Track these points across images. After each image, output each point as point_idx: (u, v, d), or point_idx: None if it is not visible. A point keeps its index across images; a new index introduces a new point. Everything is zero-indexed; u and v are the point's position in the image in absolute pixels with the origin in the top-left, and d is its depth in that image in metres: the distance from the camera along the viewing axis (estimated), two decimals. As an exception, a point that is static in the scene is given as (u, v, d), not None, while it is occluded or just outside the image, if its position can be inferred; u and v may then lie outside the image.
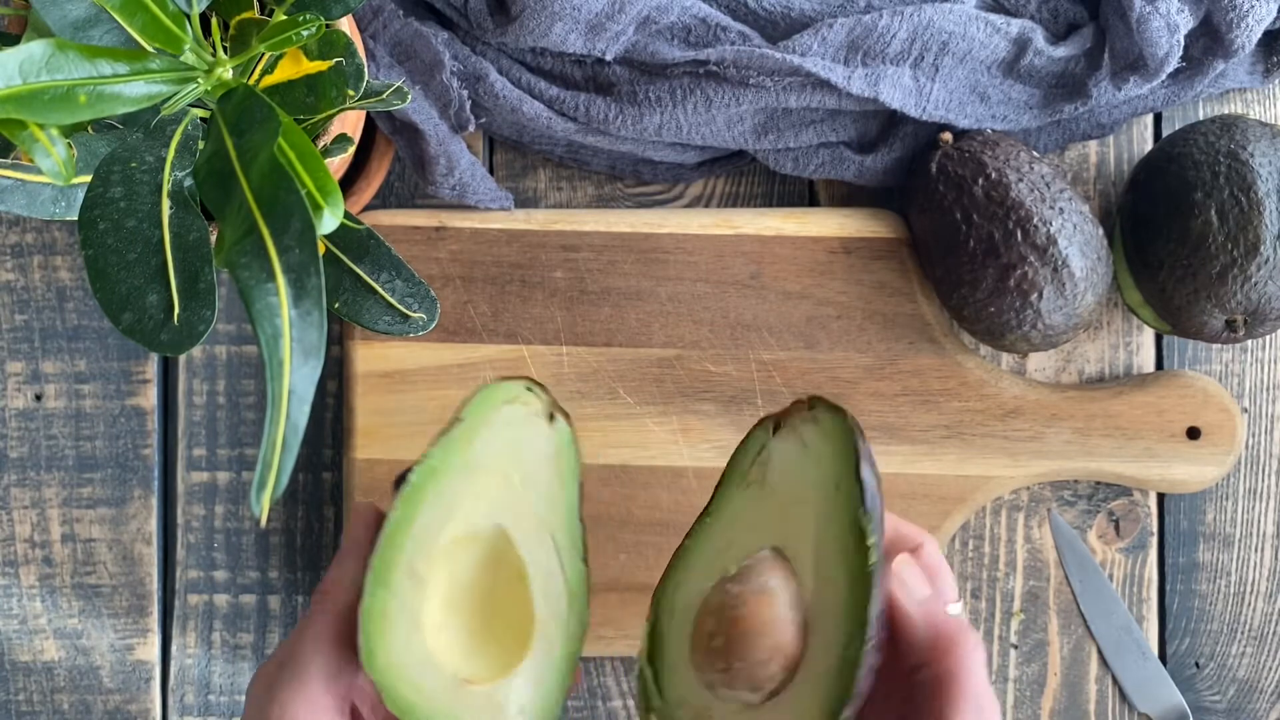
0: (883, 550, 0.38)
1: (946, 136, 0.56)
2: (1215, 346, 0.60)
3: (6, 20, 0.48)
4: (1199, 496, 0.60)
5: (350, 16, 0.52)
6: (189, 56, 0.38)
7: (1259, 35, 0.54)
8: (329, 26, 0.42)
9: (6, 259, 0.60)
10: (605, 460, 0.58)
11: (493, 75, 0.55)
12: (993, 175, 0.53)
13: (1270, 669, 0.60)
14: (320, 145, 0.46)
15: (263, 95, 0.36)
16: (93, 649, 0.60)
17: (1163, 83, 0.57)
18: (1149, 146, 0.60)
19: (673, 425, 0.58)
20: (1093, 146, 0.60)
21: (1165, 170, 0.54)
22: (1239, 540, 0.60)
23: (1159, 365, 0.60)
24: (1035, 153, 0.55)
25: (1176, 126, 0.60)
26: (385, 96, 0.44)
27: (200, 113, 0.42)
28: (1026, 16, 0.56)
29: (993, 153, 0.54)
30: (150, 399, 0.60)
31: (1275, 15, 0.55)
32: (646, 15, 0.53)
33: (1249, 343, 0.60)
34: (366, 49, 0.55)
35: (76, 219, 0.37)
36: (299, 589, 0.61)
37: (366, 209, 0.59)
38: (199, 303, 0.37)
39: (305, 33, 0.39)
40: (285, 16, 0.40)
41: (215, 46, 0.40)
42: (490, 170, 0.61)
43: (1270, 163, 0.52)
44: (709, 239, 0.58)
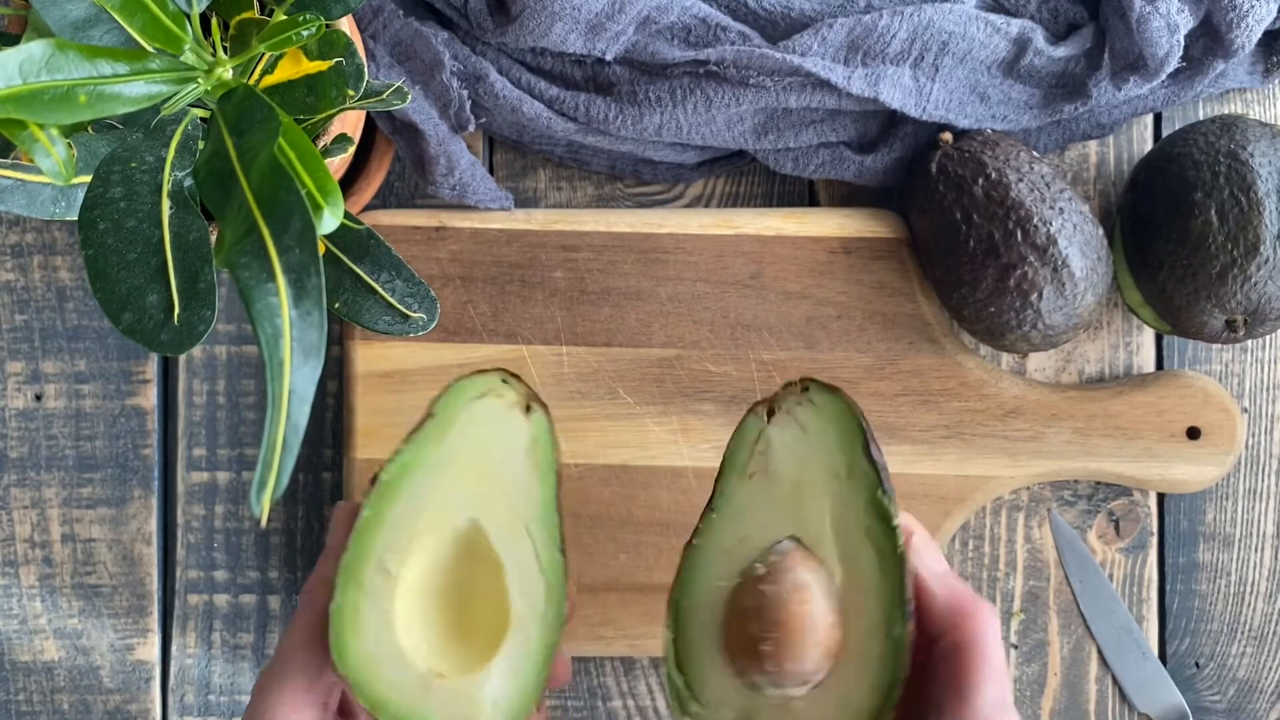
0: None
1: (946, 136, 0.56)
2: (1215, 346, 0.60)
3: (6, 20, 0.48)
4: (1199, 496, 0.60)
5: (350, 16, 0.52)
6: (189, 56, 0.38)
7: (1259, 35, 0.54)
8: (329, 26, 0.42)
9: (6, 259, 0.60)
10: (605, 460, 0.58)
11: (493, 75, 0.55)
12: (993, 175, 0.53)
13: (1270, 669, 0.60)
14: (320, 145, 0.46)
15: (263, 95, 0.36)
16: (93, 649, 0.60)
17: (1163, 83, 0.57)
18: (1149, 146, 0.60)
19: (673, 425, 0.58)
20: (1093, 146, 0.60)
21: (1165, 170, 0.54)
22: (1239, 540, 0.60)
23: (1159, 365, 0.60)
24: (1035, 153, 0.55)
25: (1176, 126, 0.60)
26: (385, 96, 0.44)
27: (200, 113, 0.42)
28: (1026, 16, 0.56)
29: (993, 153, 0.54)
30: (150, 399, 0.60)
31: (1275, 15, 0.55)
32: (646, 15, 0.53)
33: (1249, 343, 0.60)
34: (366, 49, 0.55)
35: (76, 219, 0.37)
36: (299, 589, 0.61)
37: (366, 209, 0.59)
38: (199, 303, 0.37)
39: (305, 33, 0.39)
40: (285, 16, 0.40)
41: (215, 46, 0.40)
42: (490, 170, 0.61)
43: (1270, 163, 0.52)
44: (709, 239, 0.58)
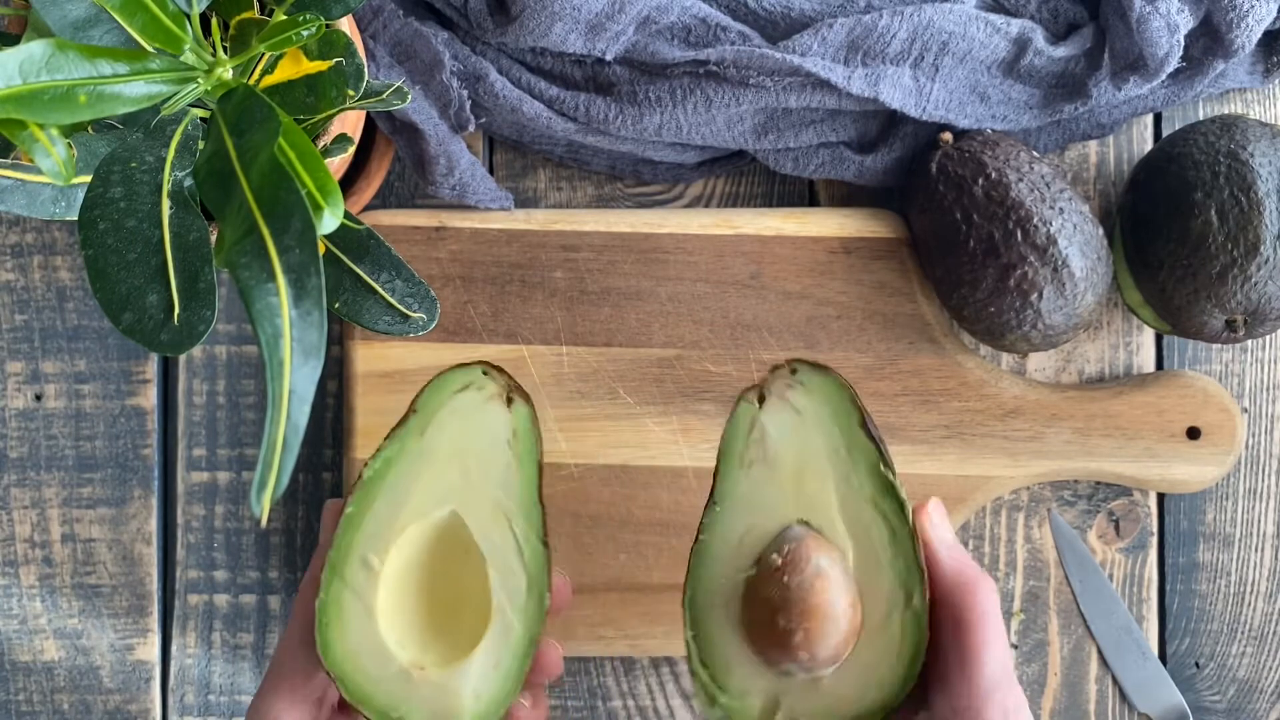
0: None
1: (946, 136, 0.56)
2: (1215, 346, 0.60)
3: (6, 20, 0.48)
4: (1199, 496, 0.60)
5: (350, 16, 0.52)
6: (189, 56, 0.38)
7: (1259, 35, 0.54)
8: (329, 26, 0.42)
9: (6, 259, 0.60)
10: (605, 460, 0.58)
11: (493, 75, 0.55)
12: (993, 175, 0.53)
13: (1270, 669, 0.60)
14: (320, 145, 0.46)
15: (263, 95, 0.36)
16: (93, 649, 0.60)
17: (1163, 83, 0.57)
18: (1149, 146, 0.60)
19: (673, 425, 0.58)
20: (1093, 146, 0.60)
21: (1165, 170, 0.54)
22: (1239, 540, 0.60)
23: (1159, 365, 0.60)
24: (1035, 153, 0.55)
25: (1176, 126, 0.60)
26: (385, 96, 0.44)
27: (200, 113, 0.42)
28: (1026, 16, 0.56)
29: (993, 153, 0.54)
30: (150, 399, 0.60)
31: (1275, 15, 0.55)
32: (646, 15, 0.53)
33: (1249, 343, 0.60)
34: (366, 49, 0.55)
35: (76, 219, 0.37)
36: (298, 589, 0.60)
37: (366, 209, 0.59)
38: (199, 303, 0.37)
39: (305, 33, 0.39)
40: (285, 16, 0.40)
41: (215, 46, 0.40)
42: (490, 170, 0.61)
43: (1270, 163, 0.52)
44: (709, 239, 0.58)
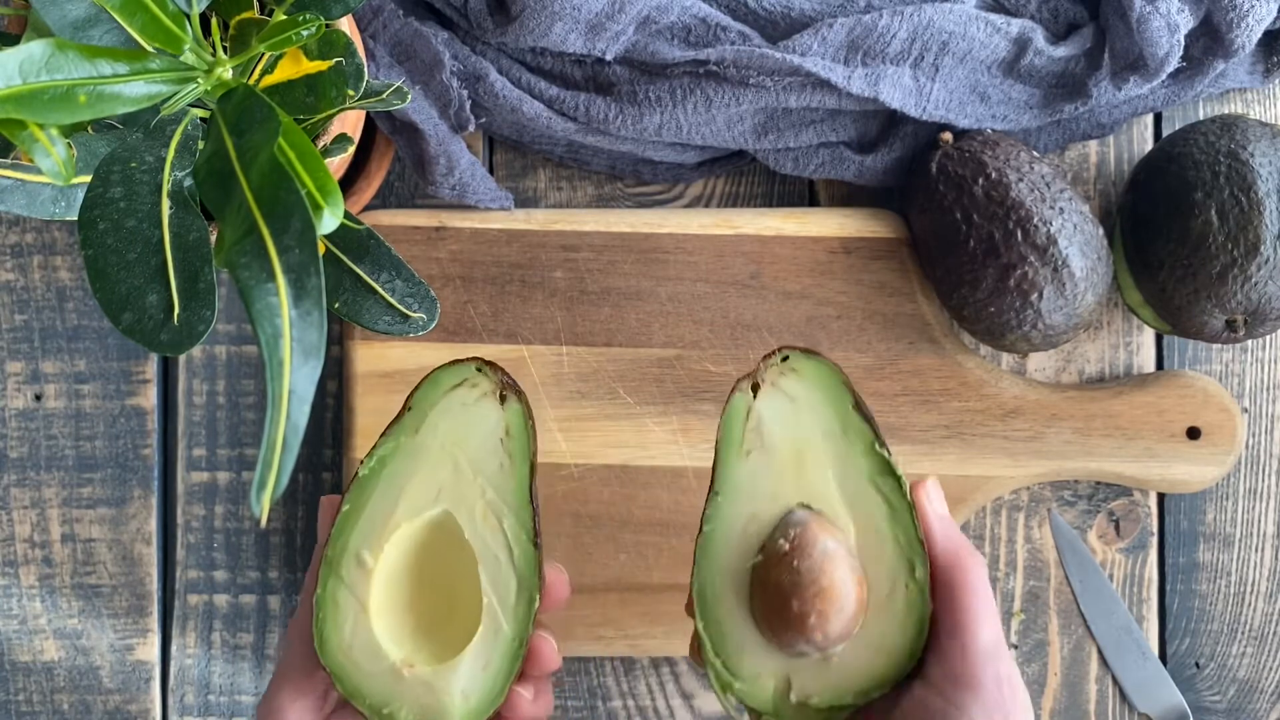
0: None
1: (946, 136, 0.56)
2: (1215, 346, 0.60)
3: (6, 20, 0.48)
4: (1199, 496, 0.60)
5: (350, 16, 0.52)
6: (189, 56, 0.38)
7: (1259, 35, 0.54)
8: (329, 26, 0.42)
9: (6, 259, 0.60)
10: (605, 460, 0.58)
11: (493, 75, 0.55)
12: (993, 175, 0.53)
13: (1270, 669, 0.60)
14: (320, 145, 0.46)
15: (263, 95, 0.36)
16: (93, 649, 0.60)
17: (1163, 83, 0.57)
18: (1149, 146, 0.60)
19: (673, 425, 0.58)
20: (1093, 146, 0.60)
21: (1165, 170, 0.54)
22: (1239, 540, 0.60)
23: (1159, 365, 0.60)
24: (1035, 153, 0.55)
25: (1176, 126, 0.60)
26: (385, 96, 0.44)
27: (200, 113, 0.42)
28: (1026, 16, 0.56)
29: (993, 153, 0.54)
30: (150, 399, 0.60)
31: (1275, 15, 0.55)
32: (646, 15, 0.53)
33: (1249, 343, 0.60)
34: (366, 49, 0.55)
35: (76, 219, 0.37)
36: (299, 589, 0.60)
37: (366, 209, 0.59)
38: (199, 303, 0.37)
39: (305, 33, 0.39)
40: (285, 16, 0.40)
41: (215, 46, 0.40)
42: (490, 170, 0.61)
43: (1270, 163, 0.52)
44: (709, 239, 0.58)
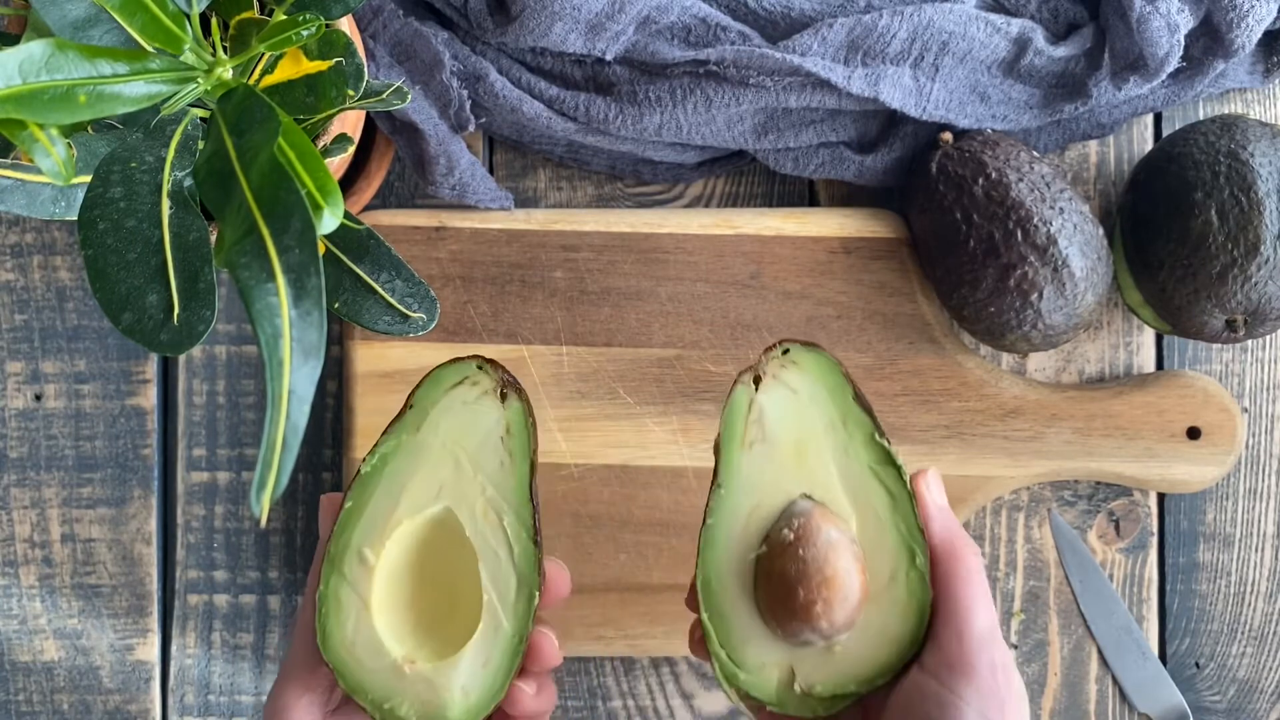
0: None
1: (946, 136, 0.56)
2: (1215, 346, 0.60)
3: (6, 20, 0.48)
4: (1199, 496, 0.60)
5: (350, 16, 0.52)
6: (189, 56, 0.38)
7: (1259, 35, 0.54)
8: (329, 26, 0.42)
9: (6, 259, 0.60)
10: (605, 460, 0.58)
11: (493, 75, 0.55)
12: (993, 175, 0.53)
13: (1270, 669, 0.60)
14: (320, 145, 0.46)
15: (263, 95, 0.36)
16: (93, 649, 0.60)
17: (1163, 83, 0.57)
18: (1149, 146, 0.60)
19: (673, 425, 0.58)
20: (1093, 146, 0.60)
21: (1165, 170, 0.54)
22: (1239, 540, 0.60)
23: (1159, 365, 0.60)
24: (1035, 153, 0.55)
25: (1176, 126, 0.60)
26: (385, 96, 0.44)
27: (200, 113, 0.42)
28: (1026, 16, 0.56)
29: (993, 153, 0.54)
30: (150, 399, 0.60)
31: (1275, 15, 0.55)
32: (646, 15, 0.53)
33: (1249, 343, 0.60)
34: (366, 49, 0.55)
35: (76, 219, 0.37)
36: (299, 589, 0.61)
37: (366, 209, 0.59)
38: (199, 303, 0.37)
39: (305, 33, 0.39)
40: (285, 16, 0.40)
41: (215, 46, 0.40)
42: (490, 170, 0.60)
43: (1270, 163, 0.52)
44: (709, 239, 0.58)
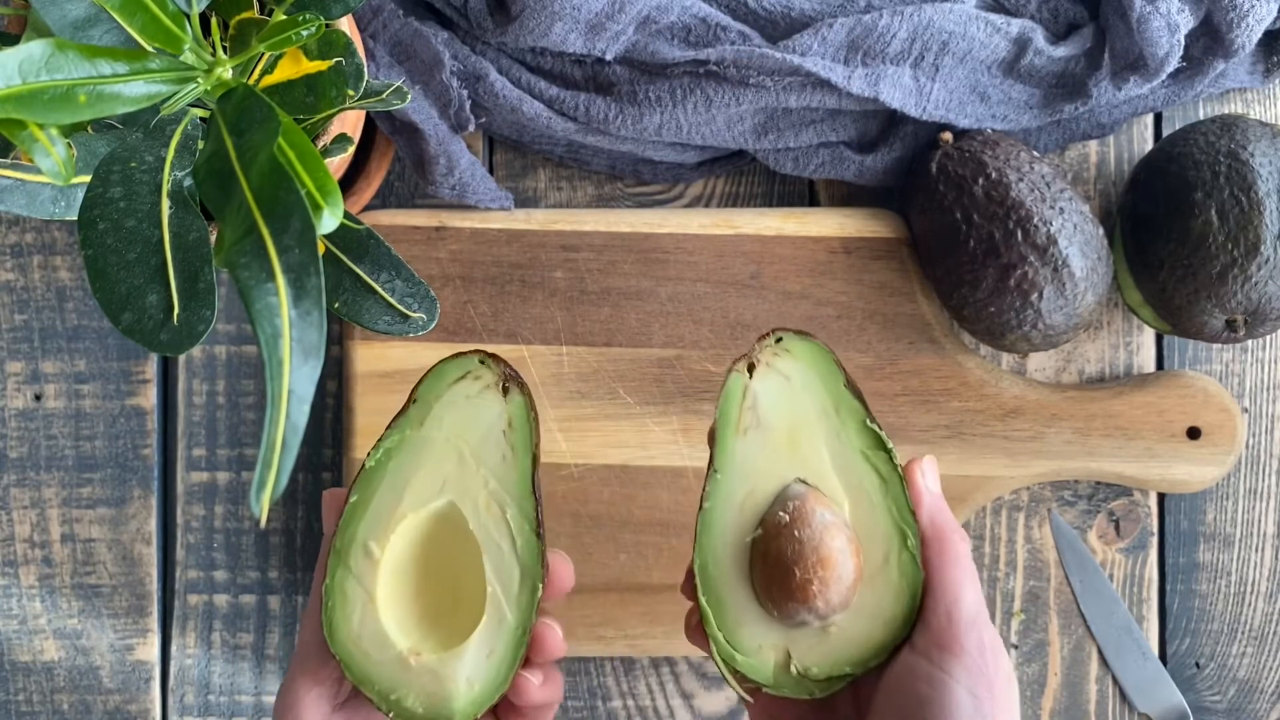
0: None
1: (946, 136, 0.56)
2: (1215, 346, 0.60)
3: (6, 20, 0.48)
4: (1199, 496, 0.60)
5: (350, 16, 0.52)
6: (189, 56, 0.38)
7: (1259, 35, 0.54)
8: (329, 26, 0.42)
9: (6, 259, 0.60)
10: (605, 460, 0.58)
11: (493, 75, 0.55)
12: (993, 175, 0.53)
13: (1270, 669, 0.60)
14: (320, 145, 0.46)
15: (263, 95, 0.36)
16: (93, 649, 0.60)
17: (1163, 83, 0.57)
18: (1149, 146, 0.60)
19: (673, 425, 0.58)
20: (1093, 146, 0.60)
21: (1165, 170, 0.54)
22: (1239, 540, 0.60)
23: (1159, 365, 0.60)
24: (1035, 153, 0.55)
25: (1176, 126, 0.60)
26: (385, 96, 0.44)
27: (200, 113, 0.42)
28: (1026, 16, 0.56)
29: (993, 152, 0.54)
30: (150, 399, 0.60)
31: (1275, 15, 0.55)
32: (646, 15, 0.53)
33: (1249, 343, 0.60)
34: (366, 49, 0.55)
35: (76, 219, 0.37)
36: (299, 589, 0.61)
37: (366, 209, 0.59)
38: (199, 303, 0.37)
39: (305, 32, 0.39)
40: (285, 16, 0.40)
41: (215, 46, 0.40)
42: (490, 170, 0.60)
43: (1270, 163, 0.52)
44: (709, 239, 0.58)
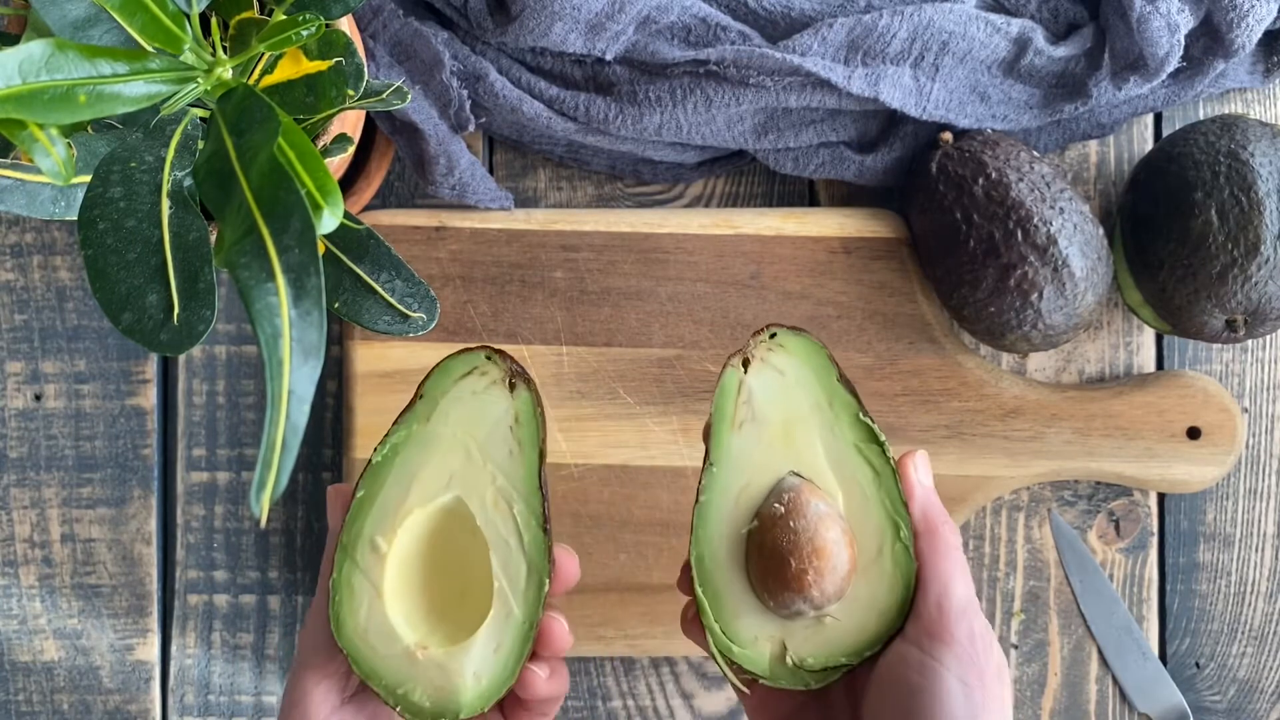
0: None
1: (946, 136, 0.56)
2: (1215, 346, 0.60)
3: (6, 20, 0.48)
4: (1199, 496, 0.60)
5: (350, 16, 0.52)
6: (189, 56, 0.38)
7: (1259, 35, 0.54)
8: (329, 26, 0.42)
9: (6, 259, 0.60)
10: (605, 460, 0.58)
11: (493, 75, 0.55)
12: (993, 175, 0.53)
13: (1270, 669, 0.60)
14: (320, 145, 0.46)
15: (262, 95, 0.36)
16: (93, 649, 0.60)
17: (1163, 82, 0.57)
18: (1149, 146, 0.60)
19: (673, 425, 0.58)
20: (1093, 146, 0.60)
21: (1165, 170, 0.54)
22: (1239, 540, 0.60)
23: (1159, 365, 0.60)
24: (1035, 153, 0.55)
25: (1176, 126, 0.60)
26: (385, 96, 0.44)
27: (200, 112, 0.42)
28: (1026, 16, 0.56)
29: (993, 152, 0.54)
30: (150, 399, 0.60)
31: (1275, 15, 0.55)
32: (646, 15, 0.53)
33: (1249, 343, 0.60)
34: (366, 49, 0.55)
35: (76, 219, 0.37)
36: (299, 589, 0.61)
37: (366, 209, 0.59)
38: (199, 303, 0.37)
39: (305, 32, 0.39)
40: (285, 16, 0.40)
41: (215, 46, 0.40)
42: (490, 170, 0.60)
43: (1270, 163, 0.52)
44: (709, 239, 0.58)
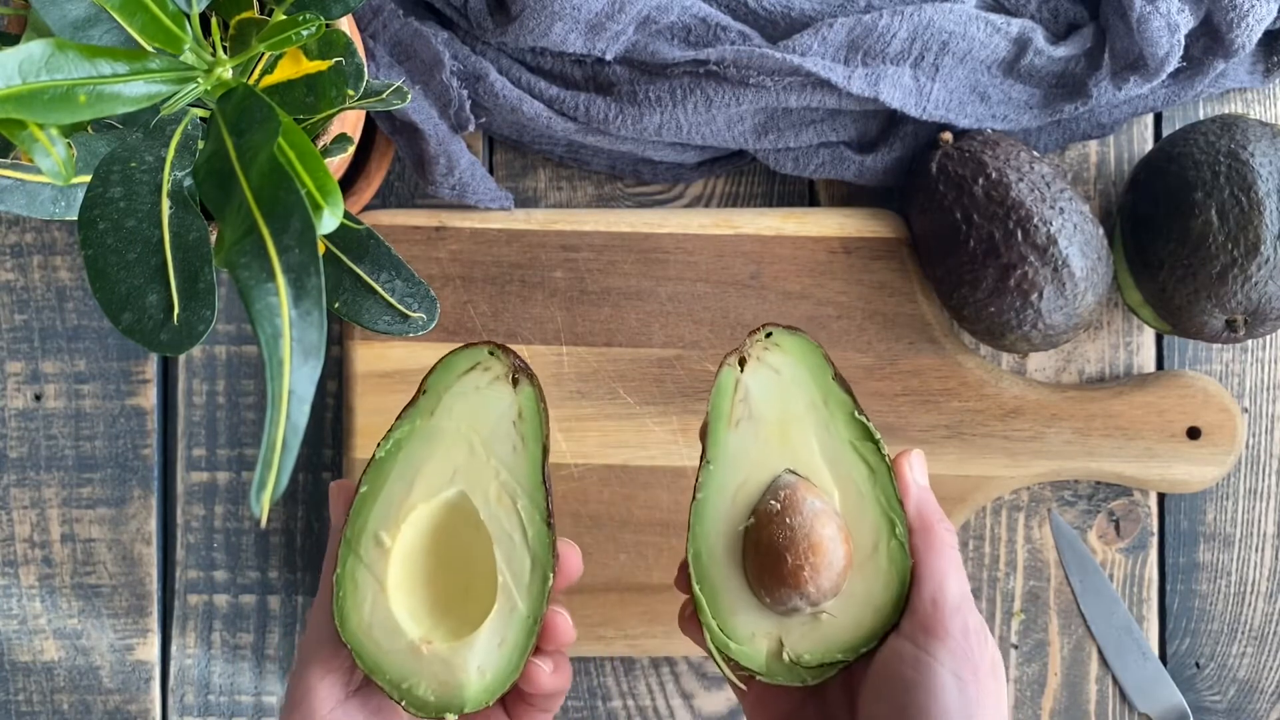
0: None
1: (946, 136, 0.56)
2: (1215, 346, 0.60)
3: (6, 20, 0.48)
4: (1199, 496, 0.60)
5: (350, 16, 0.52)
6: (189, 56, 0.38)
7: (1259, 35, 0.54)
8: (329, 26, 0.42)
9: (6, 259, 0.60)
10: (605, 460, 0.58)
11: (493, 75, 0.55)
12: (993, 175, 0.53)
13: (1270, 669, 0.60)
14: (320, 145, 0.46)
15: (263, 95, 0.36)
16: (93, 649, 0.60)
17: (1163, 82, 0.57)
18: (1149, 146, 0.60)
19: (673, 425, 0.58)
20: (1093, 146, 0.60)
21: (1165, 170, 0.54)
22: (1239, 540, 0.60)
23: (1159, 365, 0.60)
24: (1035, 153, 0.55)
25: (1176, 126, 0.60)
26: (385, 96, 0.44)
27: (200, 112, 0.42)
28: (1026, 16, 0.56)
29: (993, 152, 0.54)
30: (150, 399, 0.60)
31: (1275, 15, 0.55)
32: (646, 15, 0.53)
33: (1249, 343, 0.60)
34: (366, 49, 0.55)
35: (76, 219, 0.37)
36: (299, 589, 0.61)
37: (366, 209, 0.59)
38: (199, 303, 0.37)
39: (305, 32, 0.39)
40: (285, 16, 0.40)
41: (215, 46, 0.40)
42: (490, 170, 0.60)
43: (1270, 163, 0.52)
44: (709, 239, 0.58)
